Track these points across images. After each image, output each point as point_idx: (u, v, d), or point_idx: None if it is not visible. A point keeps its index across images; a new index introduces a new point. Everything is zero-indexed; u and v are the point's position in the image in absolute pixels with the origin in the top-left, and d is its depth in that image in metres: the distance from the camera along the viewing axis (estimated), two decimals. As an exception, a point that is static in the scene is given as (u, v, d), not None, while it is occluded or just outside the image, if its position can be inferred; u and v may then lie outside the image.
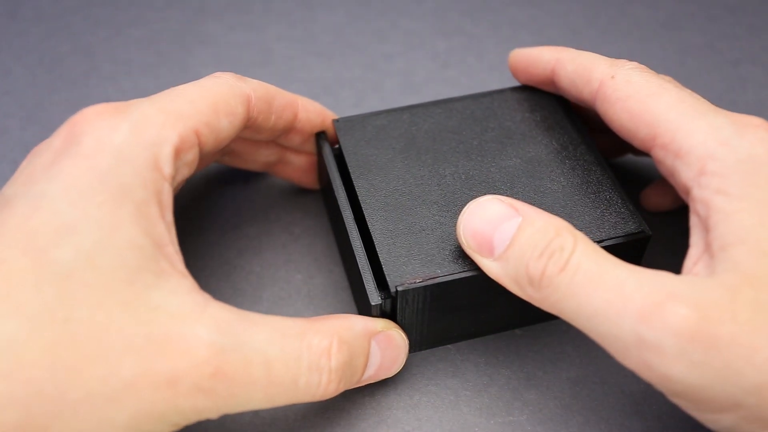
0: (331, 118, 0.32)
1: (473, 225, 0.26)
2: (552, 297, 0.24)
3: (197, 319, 0.23)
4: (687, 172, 0.25)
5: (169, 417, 0.22)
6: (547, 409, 0.29)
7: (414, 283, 0.27)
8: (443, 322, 0.29)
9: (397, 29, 0.45)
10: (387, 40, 0.44)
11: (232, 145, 0.33)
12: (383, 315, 0.28)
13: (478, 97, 0.33)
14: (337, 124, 0.32)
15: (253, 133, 0.31)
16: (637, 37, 0.45)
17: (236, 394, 0.23)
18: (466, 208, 0.26)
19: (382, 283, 0.28)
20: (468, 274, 0.27)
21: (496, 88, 0.41)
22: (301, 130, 0.32)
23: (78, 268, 0.22)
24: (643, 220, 0.30)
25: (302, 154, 0.34)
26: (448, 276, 0.27)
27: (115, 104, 0.26)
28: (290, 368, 0.24)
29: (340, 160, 0.32)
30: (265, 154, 0.34)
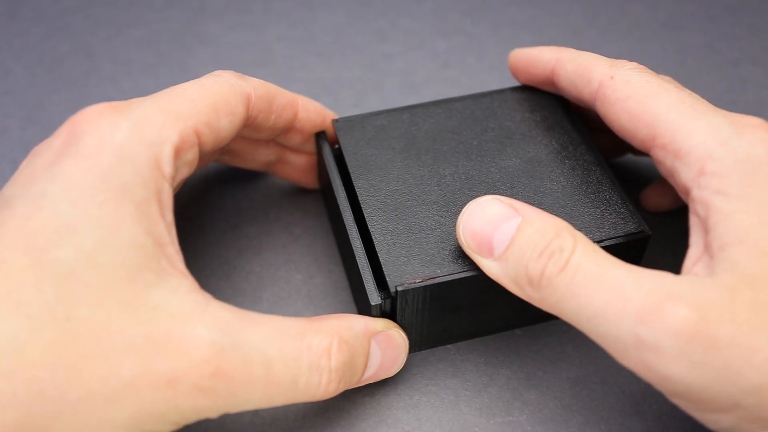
0: (331, 117, 0.32)
1: (473, 225, 0.26)
2: (551, 297, 0.24)
3: (198, 319, 0.23)
4: (686, 173, 0.25)
5: (169, 416, 0.22)
6: (547, 409, 0.29)
7: (414, 283, 0.27)
8: (443, 322, 0.29)
9: (397, 29, 0.45)
10: (387, 40, 0.44)
11: (231, 144, 0.33)
12: (383, 315, 0.28)
13: (478, 97, 0.33)
14: (337, 124, 0.32)
15: (252, 132, 0.31)
16: (637, 37, 0.45)
17: (236, 393, 0.23)
18: (466, 208, 0.26)
19: (382, 283, 0.28)
20: (468, 274, 0.27)
21: (496, 88, 0.41)
22: (301, 129, 0.32)
23: (78, 267, 0.22)
24: (643, 220, 0.30)
25: (302, 153, 0.34)
26: (448, 276, 0.27)
27: (116, 103, 0.26)
28: (290, 368, 0.24)
29: (340, 160, 0.32)
30: (265, 153, 0.34)
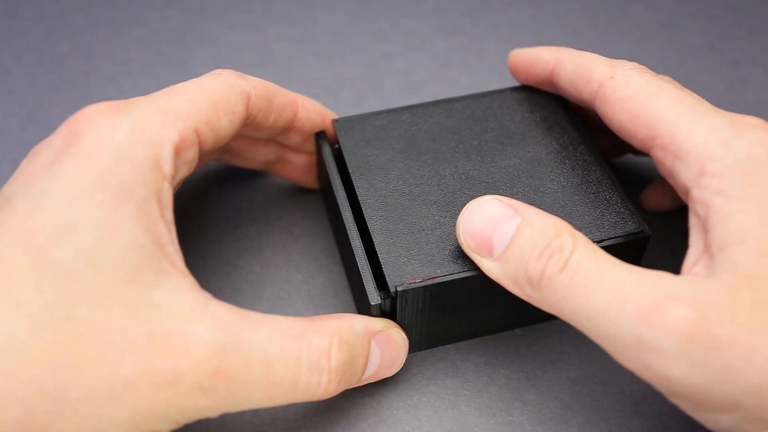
0: (331, 117, 0.32)
1: (473, 225, 0.26)
2: (551, 297, 0.24)
3: (198, 318, 0.23)
4: (686, 173, 0.25)
5: (169, 416, 0.22)
6: (547, 409, 0.29)
7: (414, 283, 0.27)
8: (443, 322, 0.29)
9: (397, 29, 0.45)
10: (387, 40, 0.44)
11: (231, 143, 0.33)
12: (383, 315, 0.28)
13: (478, 97, 0.33)
14: (337, 124, 0.32)
15: (252, 131, 0.31)
16: (637, 37, 0.45)
17: (236, 393, 0.23)
18: (466, 208, 0.26)
19: (381, 283, 0.28)
20: (468, 274, 0.27)
21: (496, 88, 0.41)
22: (300, 129, 0.32)
23: (78, 267, 0.22)
24: (643, 220, 0.30)
25: (302, 153, 0.34)
26: (448, 276, 0.27)
27: (115, 103, 0.26)
28: (290, 368, 0.24)
29: (340, 160, 0.32)
30: (265, 152, 0.34)
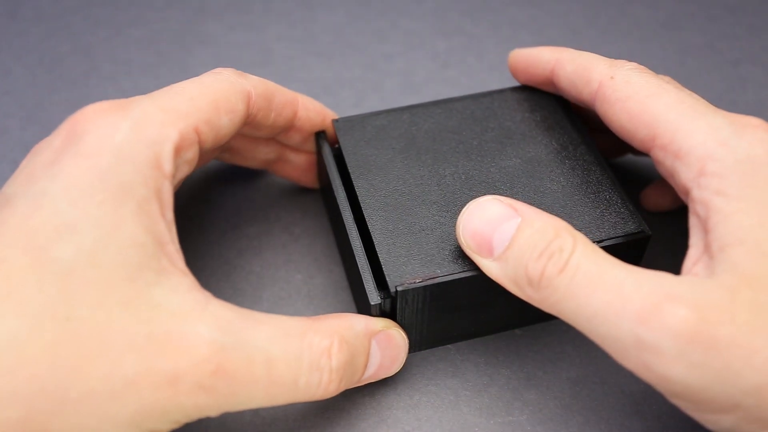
0: (331, 117, 0.32)
1: (473, 225, 0.26)
2: (551, 298, 0.24)
3: (198, 317, 0.23)
4: (686, 173, 0.25)
5: (170, 414, 0.22)
6: (547, 409, 0.29)
7: (414, 283, 0.27)
8: (443, 322, 0.29)
9: (397, 29, 0.45)
10: (387, 40, 0.44)
11: (231, 142, 0.33)
12: (383, 315, 0.28)
13: (478, 97, 0.33)
14: (337, 124, 0.32)
15: (252, 130, 0.31)
16: (637, 37, 0.45)
17: (237, 392, 0.23)
18: (466, 208, 0.26)
19: (381, 282, 0.28)
20: (468, 274, 0.27)
21: (496, 88, 0.41)
22: (300, 128, 0.32)
23: (79, 266, 0.22)
24: (643, 220, 0.30)
25: (302, 152, 0.34)
26: (448, 276, 0.27)
27: (116, 102, 0.26)
28: (291, 367, 0.24)
29: (340, 160, 0.32)
30: (265, 151, 0.34)
